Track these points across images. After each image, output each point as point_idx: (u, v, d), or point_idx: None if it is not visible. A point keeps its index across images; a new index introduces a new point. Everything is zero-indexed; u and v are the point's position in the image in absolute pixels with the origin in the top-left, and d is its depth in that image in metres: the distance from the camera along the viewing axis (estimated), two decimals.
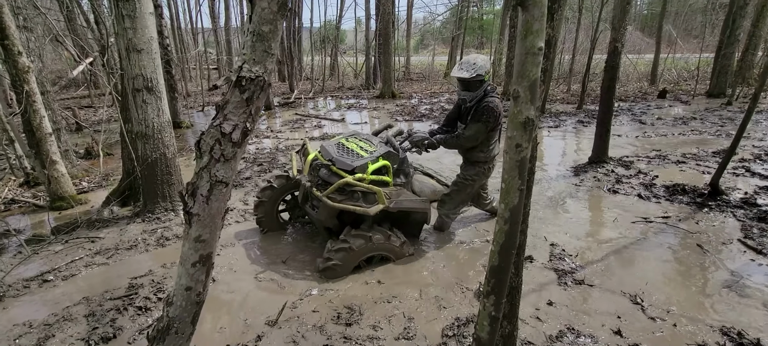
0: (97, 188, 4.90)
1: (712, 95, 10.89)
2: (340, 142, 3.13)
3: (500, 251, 1.13)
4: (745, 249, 3.12)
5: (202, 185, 0.99)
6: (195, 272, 1.07)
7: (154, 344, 1.10)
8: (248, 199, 4.32)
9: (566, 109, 10.06)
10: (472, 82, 2.90)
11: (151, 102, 3.54)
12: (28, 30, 4.90)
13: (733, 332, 2.23)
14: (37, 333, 2.33)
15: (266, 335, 2.29)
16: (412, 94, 13.55)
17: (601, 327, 2.30)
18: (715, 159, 5.34)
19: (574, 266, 2.95)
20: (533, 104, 0.94)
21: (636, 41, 21.37)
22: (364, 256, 2.85)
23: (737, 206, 3.83)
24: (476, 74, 2.84)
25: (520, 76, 0.92)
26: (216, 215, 1.04)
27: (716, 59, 11.00)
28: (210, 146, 0.96)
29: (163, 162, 3.77)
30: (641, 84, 13.83)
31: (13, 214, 4.18)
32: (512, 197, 1.03)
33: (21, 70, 3.75)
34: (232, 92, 0.95)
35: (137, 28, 3.30)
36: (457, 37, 17.99)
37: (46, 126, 3.96)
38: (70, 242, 3.44)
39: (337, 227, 2.99)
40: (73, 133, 7.94)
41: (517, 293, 1.59)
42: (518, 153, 0.99)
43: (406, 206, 2.86)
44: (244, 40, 0.95)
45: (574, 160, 5.72)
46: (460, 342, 2.20)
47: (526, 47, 0.91)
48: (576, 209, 4.00)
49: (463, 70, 2.88)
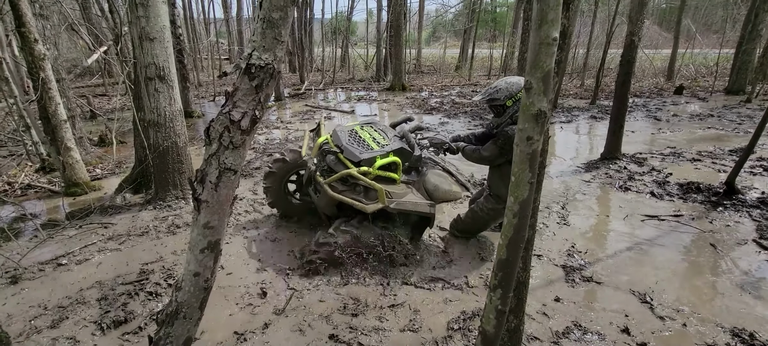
0: (110, 175, 4.99)
1: (731, 92, 10.59)
2: (354, 130, 3.03)
3: (508, 245, 1.11)
4: (759, 249, 3.05)
5: (211, 172, 1.00)
6: (203, 258, 1.08)
7: (163, 327, 1.12)
8: (258, 189, 4.35)
9: (579, 104, 9.89)
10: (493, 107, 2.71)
11: (163, 91, 3.57)
12: (44, 18, 4.98)
13: (744, 333, 2.18)
14: (52, 315, 2.39)
15: (273, 323, 2.31)
16: (422, 87, 13.46)
17: (609, 325, 2.28)
18: (731, 157, 5.21)
19: (582, 262, 2.92)
20: (546, 96, 0.92)
21: (653, 36, 20.87)
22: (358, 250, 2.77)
23: (753, 206, 3.74)
24: (491, 98, 2.64)
25: (534, 66, 0.90)
26: (224, 201, 1.05)
27: (736, 55, 10.68)
28: (219, 133, 0.97)
29: (174, 151, 3.81)
30: (657, 80, 13.53)
31: (29, 199, 4.28)
32: (522, 190, 1.02)
33: (37, 58, 3.81)
34: (242, 79, 0.95)
35: (150, 17, 3.32)
36: (470, 30, 17.77)
37: (61, 113, 4.04)
38: (84, 228, 3.51)
39: (336, 216, 2.94)
40: (88, 120, 8.08)
41: (524, 288, 1.58)
42: (529, 146, 0.97)
43: (409, 209, 2.74)
44: (254, 27, 0.95)
45: (587, 156, 5.63)
46: (465, 335, 2.20)
47: (541, 37, 0.89)
48: (586, 206, 3.95)
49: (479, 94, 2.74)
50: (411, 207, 2.75)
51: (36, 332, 2.27)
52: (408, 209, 2.75)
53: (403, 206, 2.71)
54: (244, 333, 2.23)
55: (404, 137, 2.91)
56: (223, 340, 2.18)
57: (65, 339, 2.21)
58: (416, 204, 2.78)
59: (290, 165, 3.39)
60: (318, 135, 3.15)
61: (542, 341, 2.16)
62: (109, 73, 12.25)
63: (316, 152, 2.99)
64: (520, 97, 2.55)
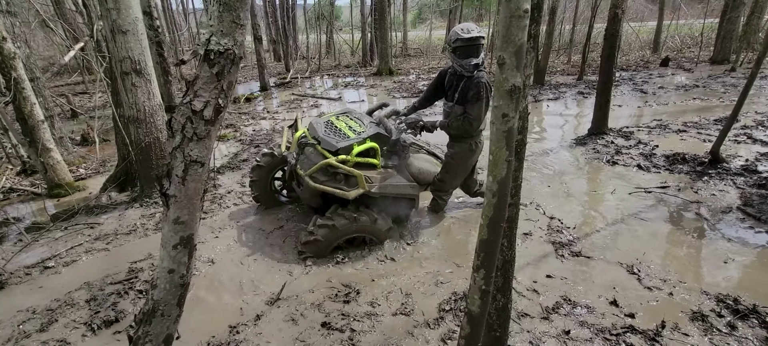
0: (94, 174, 4.89)
1: (716, 62, 10.68)
2: (330, 121, 3.08)
3: (489, 225, 1.11)
4: (743, 216, 3.11)
5: (176, 166, 0.96)
6: (176, 255, 1.05)
7: (141, 326, 1.10)
8: (245, 181, 4.31)
9: (566, 80, 9.90)
10: (475, 46, 2.63)
11: (141, 85, 3.48)
12: (12, 15, 4.78)
13: (728, 299, 2.23)
14: (41, 318, 2.36)
15: (266, 314, 2.31)
16: (409, 70, 13.34)
17: (598, 298, 2.31)
18: (716, 127, 5.27)
19: (571, 238, 2.95)
20: (519, 71, 0.89)
21: (639, 8, 20.82)
22: (347, 236, 2.79)
23: (737, 174, 3.79)
24: (480, 35, 2.61)
25: (506, 40, 0.88)
26: (194, 195, 1.02)
27: (721, 24, 10.73)
28: (182, 125, 0.93)
29: (157, 146, 3.74)
30: (643, 52, 13.57)
31: (11, 203, 4.18)
32: (500, 169, 1.00)
33: (7, 57, 3.67)
34: (201, 67, 0.91)
35: (121, 9, 3.21)
36: (455, 10, 17.56)
37: (37, 113, 3.92)
38: (70, 229, 3.45)
39: (321, 207, 2.97)
40: (69, 120, 7.88)
41: (510, 266, 1.58)
42: (505, 123, 0.95)
43: (390, 192, 2.79)
44: (211, 11, 0.90)
45: (574, 132, 5.66)
46: (456, 316, 2.22)
47: (511, 9, 0.86)
48: (574, 181, 3.98)
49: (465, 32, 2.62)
50: (393, 190, 2.80)
51: (25, 336, 2.24)
52: (390, 192, 2.80)
53: (384, 189, 2.76)
54: (236, 326, 2.22)
55: (380, 123, 2.94)
56: (216, 333, 2.18)
57: (56, 342, 2.18)
58: (398, 186, 2.83)
59: (278, 160, 3.38)
60: (296, 129, 3.16)
61: (533, 317, 2.19)
62: (89, 70, 11.91)
63: (295, 146, 3.00)
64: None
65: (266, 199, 3.55)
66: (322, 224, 2.72)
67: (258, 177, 3.43)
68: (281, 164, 3.47)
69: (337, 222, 2.71)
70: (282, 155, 3.23)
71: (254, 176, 3.44)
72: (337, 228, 2.71)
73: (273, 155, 3.39)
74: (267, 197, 3.55)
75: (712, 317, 2.12)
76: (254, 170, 3.43)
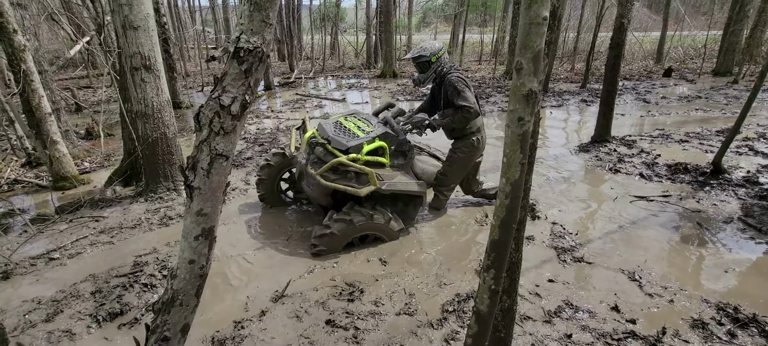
0: (99, 168, 4.91)
1: (719, 74, 10.73)
2: (338, 121, 3.13)
3: (501, 226, 1.13)
4: (744, 227, 3.14)
5: (202, 159, 0.99)
6: (198, 246, 1.08)
7: (159, 315, 1.12)
8: (250, 179, 4.33)
9: (570, 88, 9.94)
10: (418, 64, 3.12)
11: (150, 81, 3.51)
12: (22, 7, 4.82)
13: (729, 307, 2.25)
14: (46, 309, 2.37)
15: (270, 310, 2.33)
16: (413, 73, 13.38)
17: (600, 303, 2.34)
18: (718, 138, 5.30)
19: (573, 243, 2.97)
20: (536, 76, 0.92)
21: (643, 18, 20.93)
22: (360, 232, 2.87)
23: (739, 185, 3.82)
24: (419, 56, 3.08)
25: (524, 46, 0.90)
26: (217, 188, 1.04)
27: (724, 36, 10.79)
28: (209, 119, 0.96)
29: (163, 142, 3.76)
30: (647, 62, 13.62)
31: (16, 194, 4.21)
32: (513, 171, 1.03)
33: (17, 49, 3.70)
34: (231, 64, 0.93)
35: (133, 4, 3.24)
36: (460, 15, 17.63)
37: (45, 106, 3.94)
38: (75, 221, 3.47)
39: (331, 205, 3.01)
40: (73, 113, 7.91)
41: (516, 269, 1.60)
42: (520, 127, 0.98)
43: (400, 189, 2.86)
44: (242, 10, 0.93)
45: (577, 139, 5.69)
46: (460, 317, 2.24)
47: (531, 17, 0.89)
48: (577, 188, 4.01)
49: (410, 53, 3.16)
50: (402, 187, 2.87)
51: (31, 326, 2.25)
52: (399, 190, 2.86)
53: (394, 186, 2.82)
54: (241, 321, 2.24)
55: (387, 123, 3.03)
56: (220, 328, 2.19)
57: (61, 332, 2.20)
58: (407, 184, 2.90)
59: (288, 160, 3.41)
60: (304, 131, 3.22)
61: (535, 320, 2.21)
62: (93, 65, 11.94)
63: (305, 147, 3.05)
64: (441, 55, 3.10)
65: (272, 198, 3.57)
66: (339, 218, 2.78)
67: (266, 176, 3.45)
68: (290, 165, 3.49)
69: (354, 218, 2.78)
70: (292, 156, 3.27)
71: (263, 174, 3.45)
72: (353, 223, 2.77)
73: (284, 155, 3.42)
74: (273, 196, 3.57)
75: (712, 324, 2.14)
76: (263, 169, 3.45)
